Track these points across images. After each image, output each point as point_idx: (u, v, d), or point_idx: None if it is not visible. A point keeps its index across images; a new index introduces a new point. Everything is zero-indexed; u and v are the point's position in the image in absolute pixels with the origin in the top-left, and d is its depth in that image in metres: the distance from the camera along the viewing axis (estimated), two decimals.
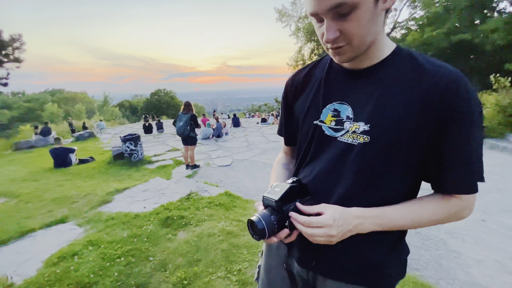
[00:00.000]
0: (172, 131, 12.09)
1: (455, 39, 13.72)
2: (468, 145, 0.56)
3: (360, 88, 0.63)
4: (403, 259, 0.70)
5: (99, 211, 3.01)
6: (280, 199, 0.61)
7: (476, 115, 0.55)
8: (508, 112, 6.38)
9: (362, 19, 0.52)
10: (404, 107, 0.57)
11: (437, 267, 2.29)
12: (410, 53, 0.61)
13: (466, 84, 0.54)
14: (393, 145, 0.58)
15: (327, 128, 0.67)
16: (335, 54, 0.59)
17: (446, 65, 0.57)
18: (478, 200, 3.11)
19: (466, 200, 0.61)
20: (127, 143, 5.87)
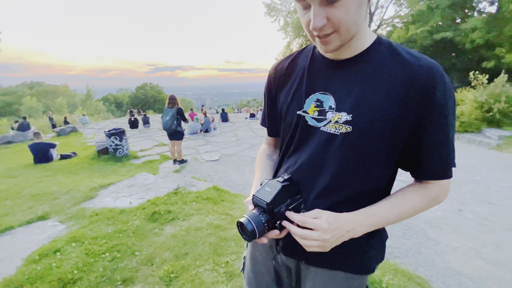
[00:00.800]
0: (159, 126, 11.85)
1: (438, 37, 14.16)
2: (444, 133, 0.59)
3: (342, 78, 0.64)
4: (382, 244, 0.73)
5: (82, 207, 2.92)
6: (271, 201, 0.60)
7: (451, 105, 0.57)
8: (485, 108, 6.70)
9: (350, 6, 0.52)
10: (385, 97, 0.58)
11: (417, 255, 2.40)
12: (390, 44, 0.62)
13: (442, 75, 0.56)
14: (375, 134, 0.60)
15: (310, 118, 0.67)
16: (322, 43, 0.58)
17: (424, 56, 0.59)
18: (455, 192, 3.28)
19: (443, 185, 0.64)
20: (111, 137, 5.71)
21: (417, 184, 0.66)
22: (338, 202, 0.64)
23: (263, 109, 0.90)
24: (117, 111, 41.28)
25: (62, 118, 16.14)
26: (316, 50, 0.70)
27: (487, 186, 3.88)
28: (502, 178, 4.18)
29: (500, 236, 2.67)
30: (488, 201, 3.43)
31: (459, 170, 4.57)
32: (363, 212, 0.62)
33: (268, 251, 0.84)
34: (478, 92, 6.96)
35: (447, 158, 0.61)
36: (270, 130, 0.88)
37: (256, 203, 0.63)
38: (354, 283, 0.71)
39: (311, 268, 0.74)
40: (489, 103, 6.64)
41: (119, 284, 1.73)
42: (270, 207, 0.60)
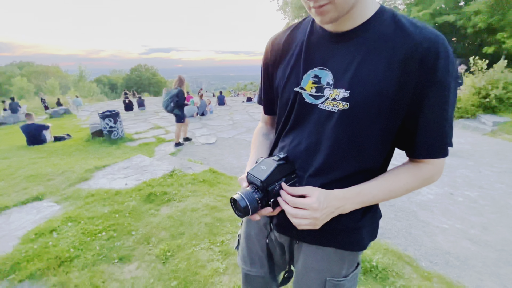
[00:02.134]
0: (155, 108, 11.68)
1: (440, 21, 13.81)
2: (443, 111, 0.57)
3: (341, 52, 0.61)
4: (375, 222, 0.74)
5: (77, 188, 2.92)
6: (265, 180, 0.60)
7: (453, 81, 0.55)
8: (482, 94, 6.69)
9: None
10: (384, 72, 0.56)
11: (407, 236, 2.47)
12: (394, 14, 0.59)
13: (446, 47, 0.54)
14: (373, 111, 0.58)
15: (307, 95, 0.65)
16: (318, 13, 0.55)
17: (428, 26, 0.56)
18: (447, 176, 3.33)
19: (438, 165, 0.63)
20: (106, 119, 5.62)
21: (411, 164, 0.66)
22: (334, 181, 0.64)
23: (259, 87, 0.87)
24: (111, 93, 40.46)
25: (54, 100, 15.78)
26: (316, 24, 0.66)
27: (478, 171, 3.95)
28: (494, 163, 4.26)
29: (488, 218, 2.75)
30: (479, 185, 3.50)
31: (453, 155, 4.65)
32: (354, 190, 0.62)
33: (262, 229, 0.85)
34: (476, 78, 6.91)
35: (445, 137, 0.59)
36: (266, 108, 0.85)
37: (250, 181, 0.63)
38: (346, 260, 0.72)
39: (303, 245, 0.75)
40: (487, 89, 6.61)
41: (116, 261, 1.76)
42: (264, 185, 0.60)
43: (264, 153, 0.82)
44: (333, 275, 0.73)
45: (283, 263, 0.93)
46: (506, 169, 4.02)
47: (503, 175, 3.79)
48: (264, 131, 0.90)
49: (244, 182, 0.65)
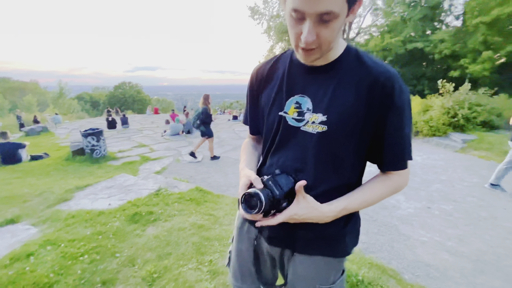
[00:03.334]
0: (139, 126, 11.50)
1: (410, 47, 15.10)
2: (401, 131, 0.68)
3: (318, 83, 0.71)
4: (356, 229, 0.82)
5: (57, 210, 2.79)
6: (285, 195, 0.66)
7: (407, 107, 0.67)
8: (451, 114, 7.25)
9: (336, 28, 0.59)
10: (354, 98, 0.67)
11: (390, 249, 2.56)
12: (357, 52, 0.71)
13: (399, 81, 0.66)
14: (347, 132, 0.68)
15: (290, 119, 0.74)
16: (305, 54, 0.64)
17: (385, 64, 0.68)
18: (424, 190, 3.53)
19: (403, 175, 0.74)
20: (88, 138, 5.48)
21: (382, 176, 0.76)
22: (320, 194, 0.71)
23: (245, 109, 0.95)
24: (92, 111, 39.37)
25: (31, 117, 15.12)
26: (294, 56, 0.77)
27: (452, 185, 4.21)
28: (465, 177, 4.56)
29: (463, 230, 2.92)
30: (453, 198, 3.73)
31: (428, 170, 4.94)
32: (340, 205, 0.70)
33: (252, 244, 0.89)
34: (445, 99, 7.53)
35: (404, 152, 0.71)
36: (252, 128, 0.94)
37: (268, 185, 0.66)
38: (333, 266, 0.79)
39: (294, 256, 0.80)
40: (454, 109, 7.20)
41: (99, 286, 1.69)
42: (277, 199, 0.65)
43: (254, 162, 0.89)
44: (322, 282, 0.78)
45: (273, 277, 0.98)
46: (476, 183, 4.32)
47: (473, 189, 4.07)
48: (252, 143, 0.98)
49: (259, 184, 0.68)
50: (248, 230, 0.91)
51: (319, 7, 0.54)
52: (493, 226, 3.01)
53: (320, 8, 0.54)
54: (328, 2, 0.53)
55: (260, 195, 0.62)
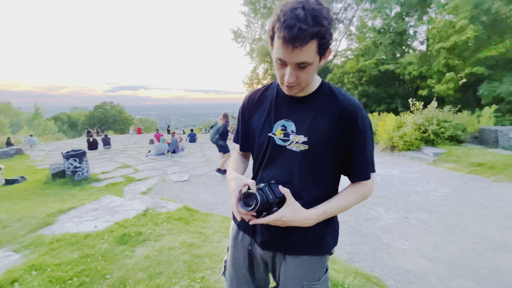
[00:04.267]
0: (121, 147, 11.26)
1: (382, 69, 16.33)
2: (364, 149, 0.87)
3: (300, 110, 0.89)
4: (335, 230, 0.96)
5: (40, 234, 2.70)
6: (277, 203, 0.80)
7: (368, 130, 0.86)
8: (422, 129, 7.85)
9: (311, 71, 0.78)
10: (329, 125, 0.84)
11: (373, 258, 2.71)
12: (330, 86, 0.90)
13: (362, 110, 0.85)
14: (324, 151, 0.85)
15: (278, 139, 0.91)
16: (287, 89, 0.83)
17: (351, 97, 0.88)
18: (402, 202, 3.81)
19: (368, 185, 0.91)
20: (70, 159, 5.34)
21: (352, 186, 0.92)
22: (304, 204, 0.85)
23: (236, 129, 1.12)
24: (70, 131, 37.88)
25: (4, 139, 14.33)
26: (280, 88, 0.95)
27: (426, 196, 4.52)
28: (437, 188, 4.91)
29: (438, 237, 3.15)
30: (428, 208, 4.00)
31: (405, 183, 5.27)
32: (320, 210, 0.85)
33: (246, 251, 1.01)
34: (416, 116, 8.16)
35: (367, 165, 0.89)
36: (242, 146, 1.10)
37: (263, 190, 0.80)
38: (318, 264, 0.92)
39: (285, 258, 0.93)
40: (424, 125, 7.81)
41: None
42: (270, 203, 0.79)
43: (241, 170, 1.05)
44: (309, 280, 0.91)
45: (266, 281, 1.09)
46: (448, 193, 4.66)
47: (445, 199, 4.39)
48: (241, 157, 1.13)
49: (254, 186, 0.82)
50: (243, 239, 1.02)
51: (297, 59, 0.72)
52: (464, 232, 3.27)
53: (298, 59, 0.72)
54: (304, 55, 0.71)
55: (257, 195, 0.77)
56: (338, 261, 2.57)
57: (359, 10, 21.25)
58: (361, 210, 3.90)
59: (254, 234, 0.97)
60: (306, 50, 0.70)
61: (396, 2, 16.69)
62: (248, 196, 0.78)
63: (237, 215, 0.81)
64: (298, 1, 0.69)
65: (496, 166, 5.72)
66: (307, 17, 0.67)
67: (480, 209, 3.95)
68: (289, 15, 0.67)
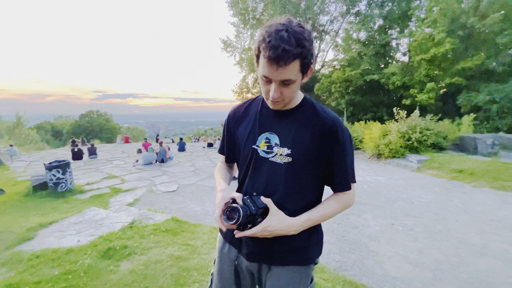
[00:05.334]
0: (107, 157, 10.99)
1: (368, 78, 16.92)
2: (344, 161, 0.90)
3: (283, 123, 0.93)
4: (319, 240, 0.99)
5: (18, 251, 2.57)
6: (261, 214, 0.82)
7: (348, 143, 0.90)
8: (406, 137, 8.12)
9: (294, 88, 0.82)
10: (311, 138, 0.88)
11: (361, 266, 2.74)
12: (312, 102, 0.95)
13: (342, 125, 0.90)
14: (306, 163, 0.89)
15: (261, 151, 0.94)
16: (272, 104, 0.87)
17: (331, 112, 0.92)
18: (388, 208, 3.88)
19: (350, 195, 0.95)
20: (53, 171, 5.16)
21: (335, 195, 0.96)
22: (288, 214, 0.87)
23: (221, 141, 1.15)
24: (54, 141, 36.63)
25: None
26: (265, 102, 0.99)
27: (412, 202, 4.65)
28: (422, 195, 5.06)
29: (422, 243, 3.22)
30: (413, 214, 4.11)
31: (391, 190, 5.40)
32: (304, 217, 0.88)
33: (233, 263, 1.01)
34: (400, 124, 8.46)
35: (347, 177, 0.92)
36: (227, 157, 1.12)
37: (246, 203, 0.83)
38: (303, 274, 0.94)
39: (271, 269, 0.94)
40: (408, 133, 8.10)
41: None
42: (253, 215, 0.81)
43: (228, 181, 1.06)
44: None
45: None
46: (432, 199, 4.81)
47: (430, 205, 4.52)
48: (226, 167, 1.15)
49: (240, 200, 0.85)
50: (229, 251, 1.03)
51: (281, 77, 0.77)
52: (448, 237, 3.37)
53: (281, 77, 0.77)
54: (287, 73, 0.76)
55: (239, 209, 0.79)
56: (327, 269, 2.59)
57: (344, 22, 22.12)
58: (349, 217, 3.96)
59: (240, 246, 0.98)
60: (289, 69, 0.75)
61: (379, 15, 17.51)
62: (232, 209, 0.80)
63: (221, 227, 0.82)
64: (282, 24, 0.75)
65: (476, 172, 5.97)
66: (290, 39, 0.72)
67: (462, 214, 4.10)
68: (274, 36, 0.72)
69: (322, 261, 2.77)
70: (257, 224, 0.83)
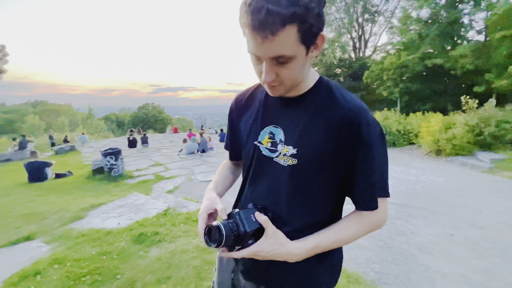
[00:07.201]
0: (158, 145, 11.95)
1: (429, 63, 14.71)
2: (370, 167, 0.65)
3: (290, 114, 0.72)
4: (333, 266, 0.76)
5: (70, 228, 2.90)
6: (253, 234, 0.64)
7: (376, 143, 0.64)
8: (476, 131, 6.82)
9: (296, 67, 0.59)
10: (324, 134, 0.65)
11: (406, 281, 2.35)
12: (329, 85, 0.70)
13: (367, 117, 0.64)
14: (316, 168, 0.66)
15: (264, 148, 0.74)
16: (270, 89, 0.66)
17: (354, 99, 0.67)
18: (447, 215, 3.27)
19: (379, 213, 0.69)
20: (107, 157, 5.76)
21: (357, 213, 0.71)
22: (292, 232, 0.68)
23: (226, 135, 0.97)
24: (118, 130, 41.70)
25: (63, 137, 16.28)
26: None
27: (479, 210, 3.86)
28: (494, 201, 4.17)
29: (492, 263, 2.62)
30: (480, 225, 3.40)
31: (452, 193, 4.59)
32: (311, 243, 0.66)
33: (230, 275, 0.87)
34: (469, 116, 7.13)
35: (373, 191, 0.66)
36: (231, 154, 0.95)
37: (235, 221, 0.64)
38: None
39: None
40: (479, 126, 6.78)
41: None
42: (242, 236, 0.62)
43: (225, 184, 0.91)
44: None
45: None
46: (508, 208, 3.92)
47: (504, 215, 3.69)
48: (230, 166, 0.97)
49: (224, 215, 0.68)
50: (227, 262, 0.89)
51: (269, 52, 0.55)
52: None
53: (271, 53, 0.55)
54: (278, 46, 0.54)
55: (222, 230, 0.60)
56: (363, 280, 2.28)
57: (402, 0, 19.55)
58: (396, 222, 3.47)
59: (236, 260, 0.83)
60: (280, 40, 0.53)
61: None
62: (213, 229, 0.61)
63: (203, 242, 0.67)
64: None
65: None
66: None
67: None
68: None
69: (358, 270, 2.47)
70: (246, 246, 0.65)
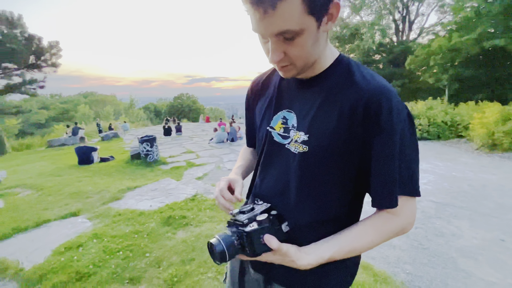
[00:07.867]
0: (191, 134, 12.46)
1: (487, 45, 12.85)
2: (390, 159, 0.55)
3: (304, 97, 0.65)
4: (346, 268, 0.69)
5: (109, 207, 3.18)
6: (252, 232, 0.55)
7: (399, 131, 0.54)
8: None
9: (306, 44, 0.52)
10: (337, 119, 0.57)
11: (442, 287, 2.14)
12: (349, 63, 0.62)
13: (389, 99, 0.54)
14: (328, 156, 0.59)
15: (276, 134, 0.69)
16: (280, 70, 0.60)
17: (377, 78, 0.57)
18: (498, 218, 2.90)
19: (405, 216, 0.60)
20: (144, 144, 6.16)
21: (377, 216, 0.62)
22: (301, 227, 0.63)
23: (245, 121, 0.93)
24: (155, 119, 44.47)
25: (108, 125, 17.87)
26: None
27: None
28: None
29: None
30: None
31: (506, 193, 4.04)
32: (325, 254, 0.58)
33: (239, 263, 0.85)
34: None
35: (393, 186, 0.57)
36: (248, 141, 0.91)
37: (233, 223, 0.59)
38: None
39: (274, 285, 0.73)
40: None
41: (126, 282, 1.84)
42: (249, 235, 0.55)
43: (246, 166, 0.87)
44: None
45: None
46: None
47: None
48: (251, 151, 0.94)
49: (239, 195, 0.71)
50: None
51: (272, 28, 0.49)
52: None
53: (273, 29, 0.49)
54: (281, 22, 0.47)
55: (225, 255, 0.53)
56: (392, 281, 2.14)
57: None
58: (434, 222, 3.17)
59: None
60: (282, 13, 0.46)
61: None
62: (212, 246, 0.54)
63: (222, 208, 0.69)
64: None
65: None
66: None
67: None
68: None
69: (387, 269, 2.32)
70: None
